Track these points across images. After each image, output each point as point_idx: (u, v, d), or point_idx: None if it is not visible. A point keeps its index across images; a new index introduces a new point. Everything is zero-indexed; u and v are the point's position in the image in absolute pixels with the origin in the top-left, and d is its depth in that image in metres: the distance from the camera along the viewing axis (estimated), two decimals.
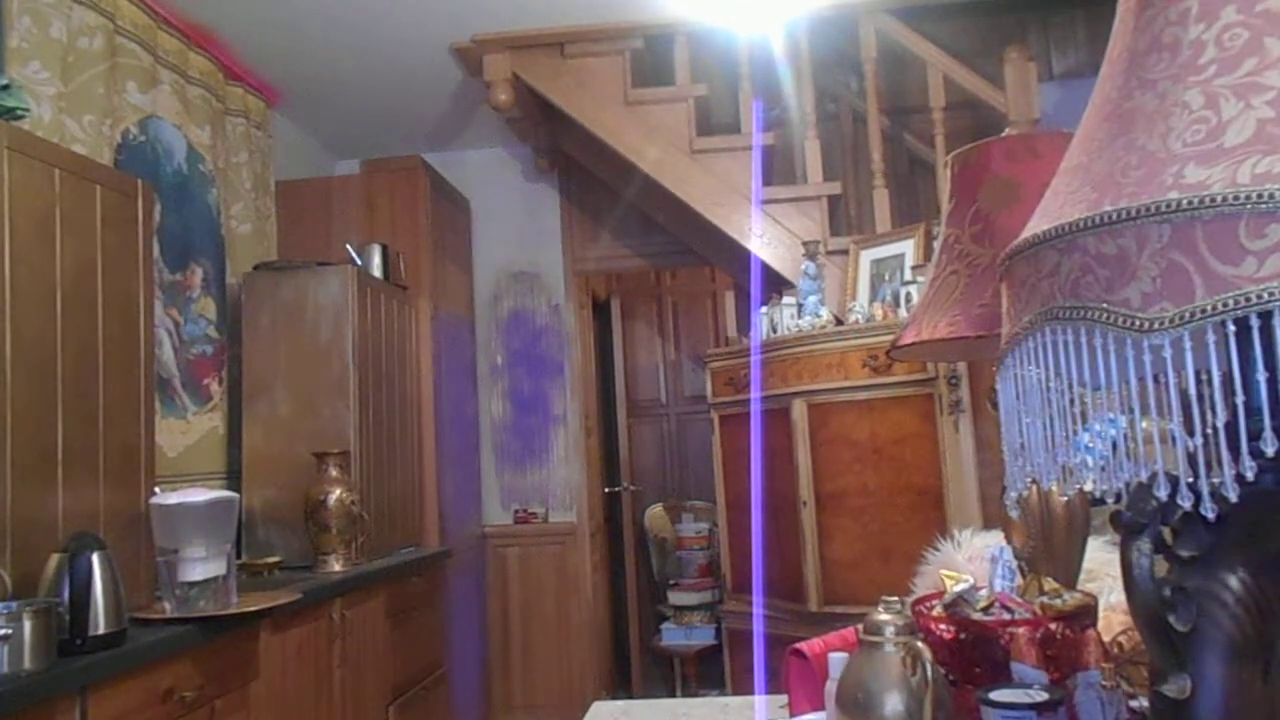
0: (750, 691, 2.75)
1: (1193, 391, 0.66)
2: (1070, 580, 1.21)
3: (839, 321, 3.20)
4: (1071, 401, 0.74)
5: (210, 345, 3.38)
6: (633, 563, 5.29)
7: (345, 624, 2.93)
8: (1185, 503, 0.66)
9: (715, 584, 4.90)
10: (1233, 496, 0.64)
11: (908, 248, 3.25)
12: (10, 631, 1.71)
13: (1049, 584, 1.17)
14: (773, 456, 3.23)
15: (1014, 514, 1.22)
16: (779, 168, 3.92)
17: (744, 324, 4.77)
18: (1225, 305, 0.61)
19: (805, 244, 3.34)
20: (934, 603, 1.21)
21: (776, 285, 3.53)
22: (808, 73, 3.62)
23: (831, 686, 1.09)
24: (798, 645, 1.31)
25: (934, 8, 3.72)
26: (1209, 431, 0.66)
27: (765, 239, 3.55)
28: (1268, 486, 0.69)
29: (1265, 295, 0.59)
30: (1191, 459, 0.65)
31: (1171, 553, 0.76)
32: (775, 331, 3.28)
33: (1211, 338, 0.62)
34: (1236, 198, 0.61)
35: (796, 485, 3.10)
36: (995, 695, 0.98)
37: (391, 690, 3.24)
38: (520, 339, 4.81)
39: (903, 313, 3.02)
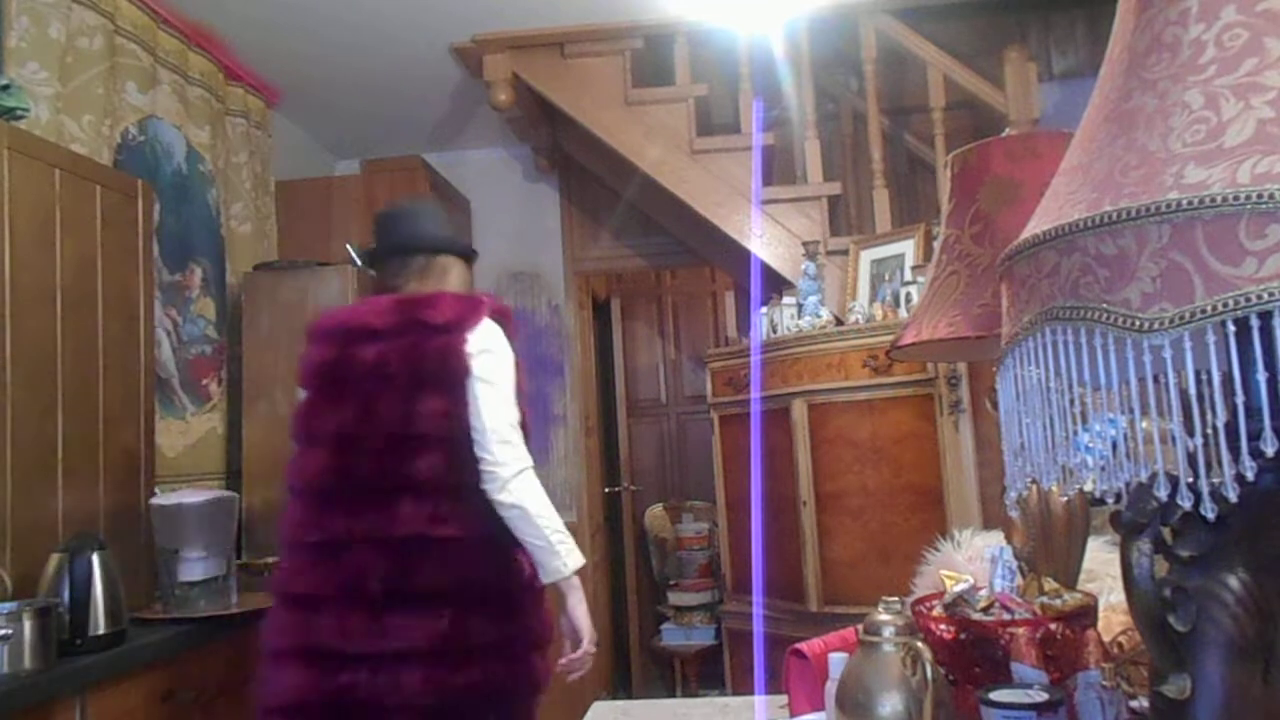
0: (750, 691, 2.75)
1: (1193, 391, 0.66)
2: (1070, 580, 1.21)
3: (839, 321, 3.20)
4: (1071, 401, 0.74)
5: (209, 345, 3.38)
6: (633, 563, 5.28)
7: None
8: (1185, 503, 0.66)
9: (715, 584, 4.89)
10: (1233, 496, 0.65)
11: (908, 248, 3.25)
12: (10, 631, 1.71)
13: (1049, 584, 1.17)
14: (773, 456, 3.23)
15: (1014, 514, 1.22)
16: (779, 168, 3.92)
17: (744, 324, 4.77)
18: (1225, 305, 0.61)
19: (805, 244, 3.34)
20: (934, 603, 1.21)
21: (776, 285, 3.53)
22: (808, 73, 3.62)
23: (831, 686, 1.09)
24: (798, 645, 1.31)
25: (934, 8, 3.72)
26: (1209, 431, 0.66)
27: (765, 239, 3.55)
28: (1268, 486, 0.69)
29: (1265, 295, 0.60)
30: (1191, 459, 0.65)
31: (1171, 553, 0.76)
32: (775, 331, 3.28)
33: (1211, 338, 0.63)
34: (1236, 198, 0.61)
35: (796, 485, 3.10)
36: (995, 695, 0.98)
37: None
38: (520, 339, 4.79)
39: (903, 313, 3.02)
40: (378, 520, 1.91)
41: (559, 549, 1.96)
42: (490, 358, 2.01)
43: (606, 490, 5.22)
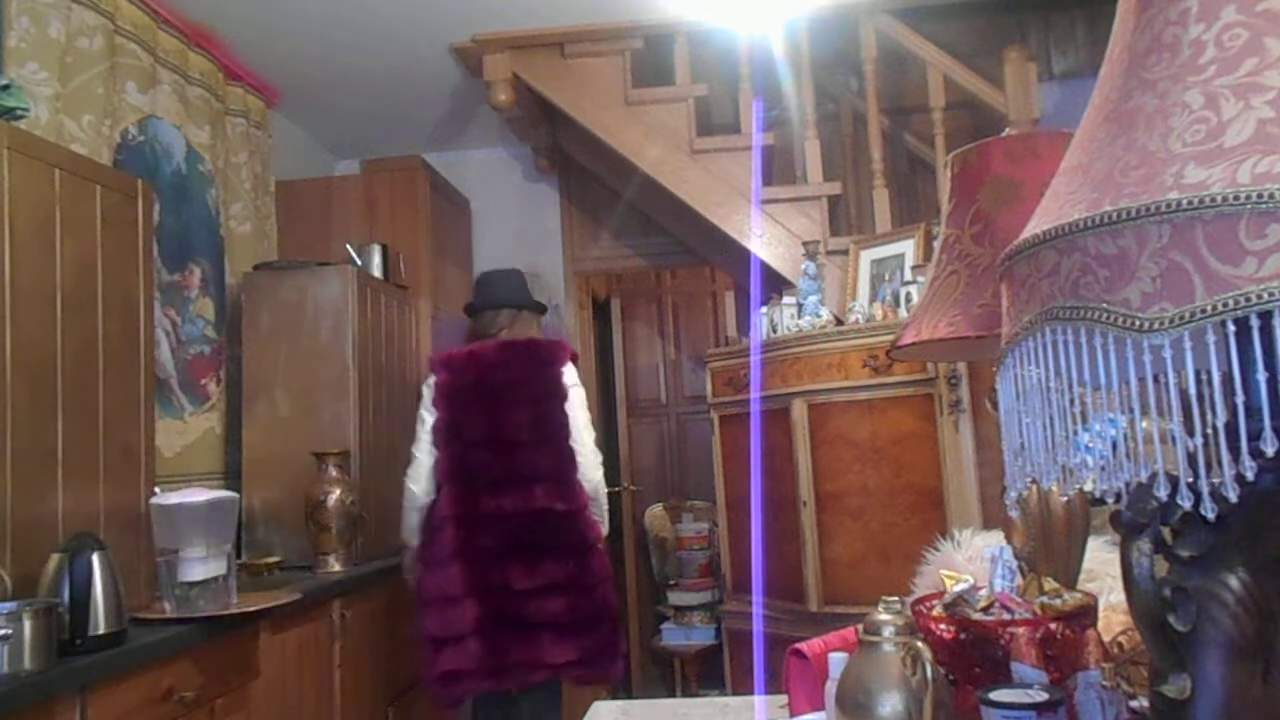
0: (750, 691, 2.75)
1: (1193, 391, 0.66)
2: (1070, 580, 1.21)
3: (839, 321, 3.20)
4: (1071, 401, 0.73)
5: (208, 345, 3.38)
6: (633, 563, 5.28)
7: (345, 624, 2.93)
8: (1185, 503, 0.66)
9: (715, 584, 4.89)
10: (1233, 496, 0.64)
11: (908, 248, 3.24)
12: (10, 631, 1.71)
13: (1049, 584, 1.17)
14: (773, 456, 3.23)
15: (1014, 514, 1.22)
16: (779, 168, 3.92)
17: (744, 324, 4.77)
18: (1225, 305, 0.61)
19: (805, 244, 3.34)
20: (934, 603, 1.21)
21: (776, 285, 3.53)
22: (808, 73, 3.62)
23: (831, 686, 1.09)
24: (798, 645, 1.31)
25: (934, 8, 3.72)
26: (1209, 431, 0.66)
27: (765, 239, 3.55)
28: (1268, 486, 0.69)
29: (1265, 295, 0.59)
30: (1191, 459, 0.65)
31: (1171, 553, 0.76)
32: (775, 331, 3.28)
33: (1211, 338, 0.62)
34: (1236, 198, 0.61)
35: (796, 485, 3.10)
36: (995, 695, 0.98)
37: (391, 690, 3.24)
38: None
39: (903, 313, 3.02)
40: (518, 499, 2.79)
41: (605, 519, 3.06)
42: (579, 390, 2.93)
43: (606, 490, 5.21)
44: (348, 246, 3.75)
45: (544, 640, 2.74)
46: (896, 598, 1.08)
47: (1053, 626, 1.08)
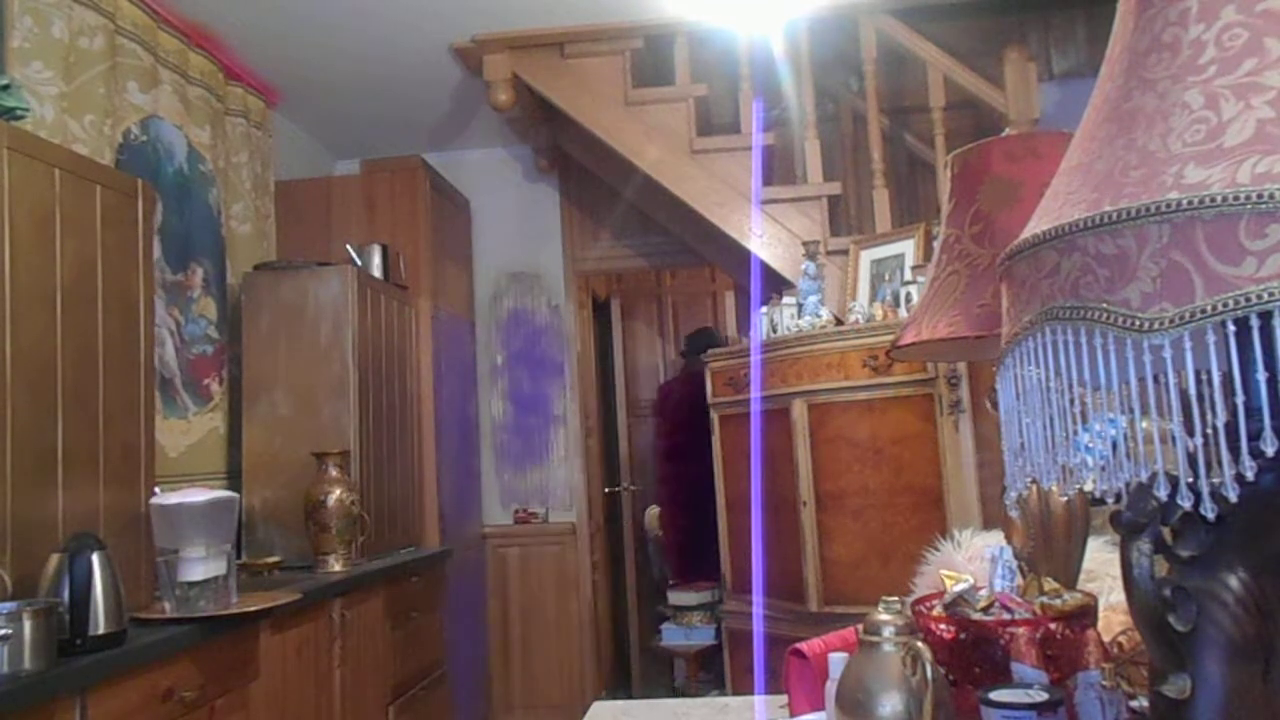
0: (750, 691, 2.75)
1: (1193, 391, 0.66)
2: (1070, 580, 1.21)
3: (839, 321, 3.20)
4: (1071, 401, 0.73)
5: (210, 345, 3.38)
6: (633, 563, 5.28)
7: (345, 624, 2.93)
8: (1185, 503, 0.66)
9: (715, 584, 4.89)
10: (1233, 496, 0.64)
11: (908, 248, 3.24)
12: (10, 631, 1.71)
13: (1049, 584, 1.17)
14: (773, 456, 3.23)
15: (1014, 514, 1.22)
16: (779, 168, 3.92)
17: (744, 324, 4.79)
18: (1225, 305, 0.61)
19: (805, 244, 3.34)
20: (934, 603, 1.21)
21: (776, 285, 3.53)
22: (808, 73, 3.62)
23: (831, 686, 1.09)
24: (798, 645, 1.31)
25: (934, 8, 3.72)
26: (1209, 431, 0.66)
27: (765, 239, 3.55)
28: (1268, 486, 0.69)
29: (1265, 295, 0.59)
30: (1191, 459, 0.65)
31: (1171, 553, 0.76)
32: (775, 331, 3.28)
33: (1211, 338, 0.62)
34: (1236, 198, 0.61)
35: (796, 485, 3.10)
36: (995, 695, 0.98)
37: (391, 690, 3.24)
38: (520, 339, 4.80)
39: (903, 313, 3.01)
40: (685, 470, 4.78)
41: None
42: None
43: (606, 490, 5.21)
44: (348, 246, 3.75)
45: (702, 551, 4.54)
46: (896, 598, 1.08)
47: (1053, 626, 1.08)
